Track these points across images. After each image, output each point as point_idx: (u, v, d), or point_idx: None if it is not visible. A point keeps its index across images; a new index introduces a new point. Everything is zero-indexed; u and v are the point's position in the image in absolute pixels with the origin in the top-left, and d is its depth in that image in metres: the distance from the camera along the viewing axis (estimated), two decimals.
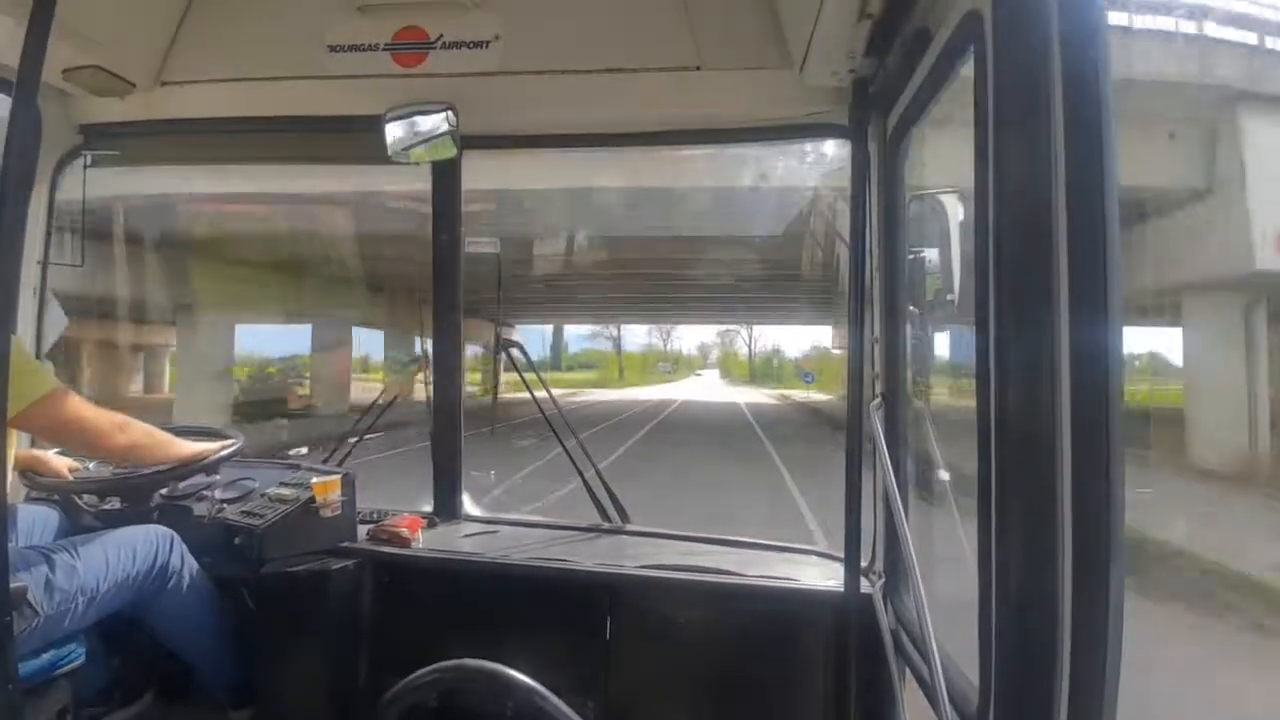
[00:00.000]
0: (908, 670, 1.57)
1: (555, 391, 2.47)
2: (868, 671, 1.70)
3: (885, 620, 1.71)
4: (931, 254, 1.54)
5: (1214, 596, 5.95)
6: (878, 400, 1.78)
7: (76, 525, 2.00)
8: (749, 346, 57.39)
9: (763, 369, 53.90)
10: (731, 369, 59.34)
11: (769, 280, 18.19)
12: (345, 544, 2.10)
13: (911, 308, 1.68)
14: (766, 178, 11.05)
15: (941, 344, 1.71)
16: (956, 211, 1.42)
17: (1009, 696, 0.92)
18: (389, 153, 2.14)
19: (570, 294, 21.75)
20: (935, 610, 1.31)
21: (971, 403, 1.02)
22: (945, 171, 1.57)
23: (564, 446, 2.32)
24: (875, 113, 1.75)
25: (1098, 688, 0.80)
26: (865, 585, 1.81)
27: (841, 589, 1.79)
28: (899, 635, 1.65)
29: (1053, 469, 0.82)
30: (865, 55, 1.61)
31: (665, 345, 58.73)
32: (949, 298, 1.46)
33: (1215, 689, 4.59)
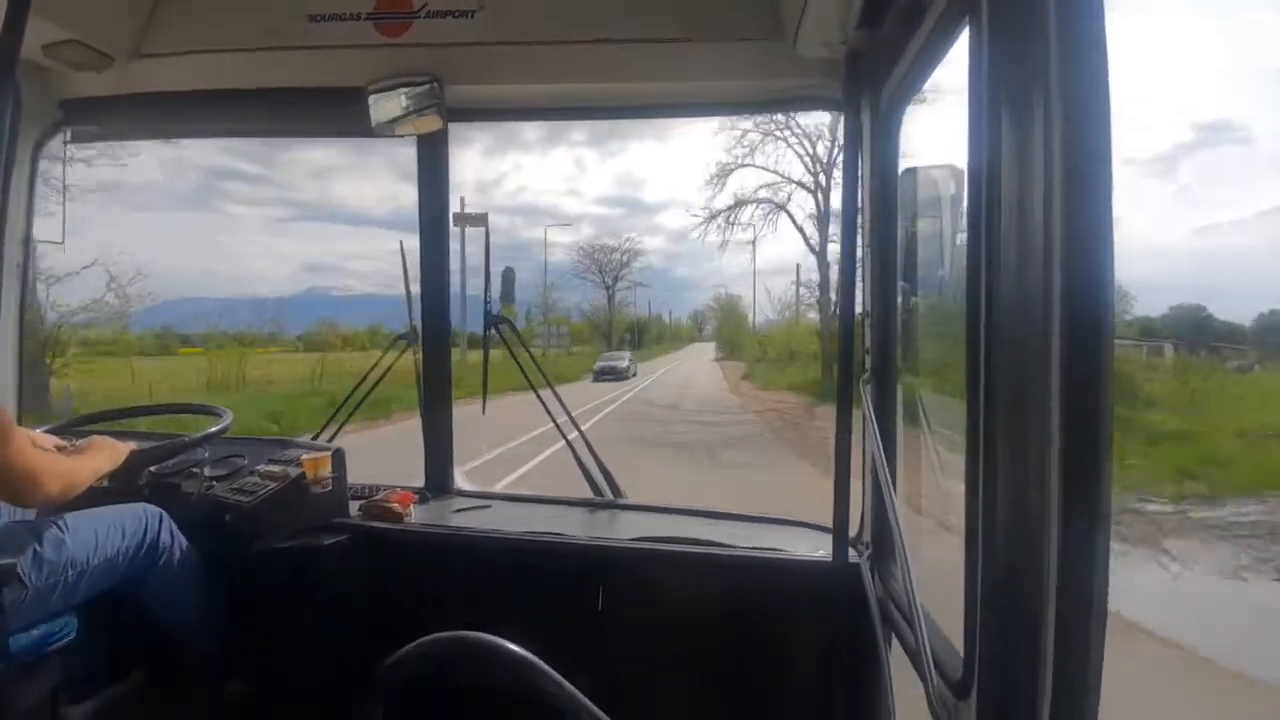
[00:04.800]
0: (894, 638, 1.60)
1: None
2: (854, 640, 1.73)
3: (872, 590, 1.74)
4: (923, 228, 1.53)
5: None
6: (868, 374, 1.79)
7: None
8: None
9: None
10: (741, 343, 29.58)
11: None
12: (337, 520, 2.11)
13: (902, 282, 1.68)
14: None
15: (932, 318, 1.71)
16: (949, 185, 1.41)
17: (994, 663, 0.94)
18: (373, 125, 2.10)
19: None
20: (921, 580, 1.33)
21: (961, 377, 1.02)
22: (938, 144, 1.56)
23: (555, 422, 2.33)
24: (868, 85, 1.72)
25: (1083, 655, 0.81)
26: (853, 556, 1.84)
27: (830, 560, 1.81)
28: (885, 604, 1.67)
29: (1042, 439, 0.82)
30: (858, 26, 1.58)
31: (610, 301, 30.64)
32: (940, 272, 1.46)
33: None
